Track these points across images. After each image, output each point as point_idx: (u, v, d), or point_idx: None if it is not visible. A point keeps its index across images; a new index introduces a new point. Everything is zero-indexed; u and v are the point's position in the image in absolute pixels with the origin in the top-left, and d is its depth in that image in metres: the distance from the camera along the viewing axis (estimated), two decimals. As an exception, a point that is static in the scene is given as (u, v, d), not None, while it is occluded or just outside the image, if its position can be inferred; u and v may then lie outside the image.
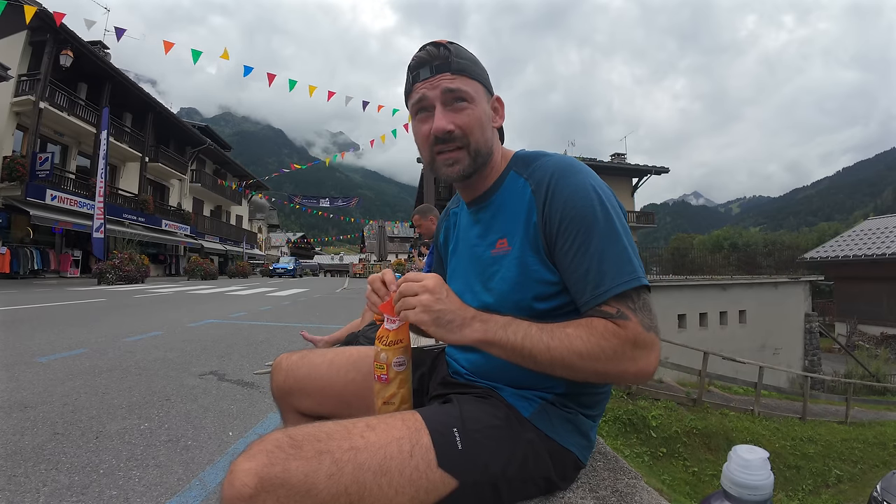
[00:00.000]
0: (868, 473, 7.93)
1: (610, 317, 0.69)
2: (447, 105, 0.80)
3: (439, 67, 0.79)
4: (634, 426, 7.47)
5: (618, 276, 0.70)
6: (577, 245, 0.73)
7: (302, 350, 1.04)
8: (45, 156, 15.14)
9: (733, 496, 0.41)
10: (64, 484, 1.53)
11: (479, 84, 0.82)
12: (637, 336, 0.68)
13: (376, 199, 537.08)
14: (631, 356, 0.68)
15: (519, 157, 0.87)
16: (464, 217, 0.96)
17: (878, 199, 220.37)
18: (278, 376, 1.00)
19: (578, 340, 0.68)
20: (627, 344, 0.68)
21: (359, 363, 0.97)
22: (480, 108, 0.81)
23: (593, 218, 0.73)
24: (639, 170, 26.88)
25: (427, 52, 0.81)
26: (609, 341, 0.68)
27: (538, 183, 0.79)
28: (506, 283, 0.81)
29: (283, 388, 0.99)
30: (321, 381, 0.96)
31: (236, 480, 0.56)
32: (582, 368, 0.69)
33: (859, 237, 21.64)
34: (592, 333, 0.68)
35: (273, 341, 4.55)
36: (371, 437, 0.65)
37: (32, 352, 3.52)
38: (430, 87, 0.80)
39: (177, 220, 24.99)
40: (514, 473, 0.72)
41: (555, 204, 0.75)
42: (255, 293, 11.97)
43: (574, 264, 0.73)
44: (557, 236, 0.75)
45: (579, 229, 0.73)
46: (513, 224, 0.82)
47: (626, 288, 0.70)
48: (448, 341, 0.72)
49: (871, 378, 13.44)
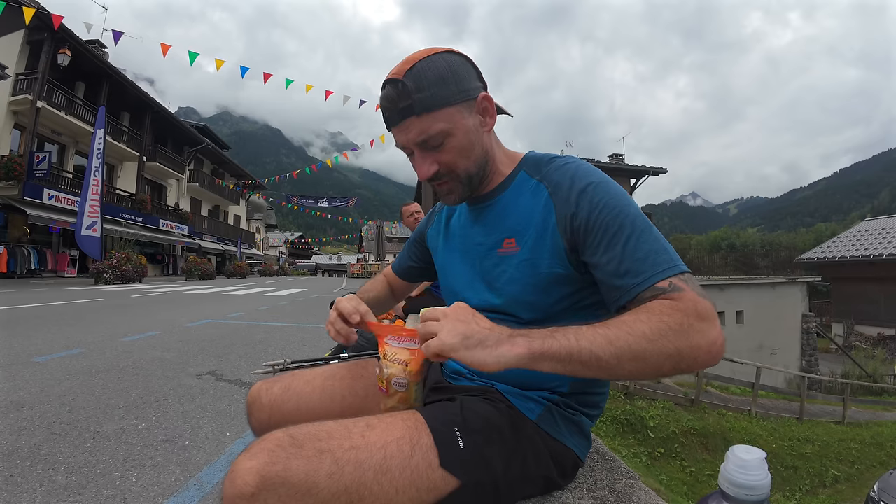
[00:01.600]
0: (865, 474, 7.96)
1: (663, 292, 0.65)
2: (424, 150, 0.77)
3: (403, 112, 0.74)
4: (632, 426, 7.48)
5: (661, 263, 0.68)
6: (610, 237, 0.71)
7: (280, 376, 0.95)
8: (43, 155, 15.09)
9: (731, 496, 0.41)
10: (61, 484, 1.52)
11: (452, 108, 0.75)
12: (697, 305, 0.63)
13: (374, 199, 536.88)
14: (698, 328, 0.61)
15: (530, 159, 0.85)
16: (462, 214, 0.94)
17: (875, 200, 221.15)
18: (260, 414, 0.90)
19: (640, 323, 0.61)
20: (691, 315, 0.62)
21: (354, 386, 0.93)
22: (461, 135, 0.77)
23: (623, 210, 0.72)
24: (637, 170, 26.87)
25: (387, 96, 0.75)
26: (672, 316, 0.61)
27: (556, 184, 0.78)
28: (516, 284, 0.80)
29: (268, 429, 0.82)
30: (314, 413, 0.88)
31: (238, 479, 0.56)
32: (653, 352, 0.60)
33: (856, 238, 21.72)
34: (652, 313, 0.62)
35: (271, 341, 4.55)
36: (371, 437, 0.65)
37: (29, 352, 3.50)
38: (402, 134, 0.77)
39: (174, 220, 24.92)
40: (516, 473, 0.72)
41: (581, 202, 0.74)
42: (253, 293, 11.95)
43: (608, 256, 0.70)
44: (587, 233, 0.73)
45: (611, 222, 0.71)
46: (523, 225, 0.80)
47: (674, 273, 0.67)
48: (485, 366, 0.61)
49: (867, 378, 13.49)
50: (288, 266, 49.52)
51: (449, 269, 0.96)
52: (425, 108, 0.73)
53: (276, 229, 66.88)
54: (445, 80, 0.74)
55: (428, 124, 0.74)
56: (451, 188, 0.81)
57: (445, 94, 0.74)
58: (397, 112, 0.75)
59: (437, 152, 0.77)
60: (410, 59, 0.74)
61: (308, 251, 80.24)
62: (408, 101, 0.73)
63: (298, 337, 4.92)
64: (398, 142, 0.79)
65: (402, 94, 0.73)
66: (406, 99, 0.73)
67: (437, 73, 0.73)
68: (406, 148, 0.79)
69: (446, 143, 0.76)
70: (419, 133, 0.75)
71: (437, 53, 0.75)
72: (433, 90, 0.73)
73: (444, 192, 0.83)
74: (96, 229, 14.10)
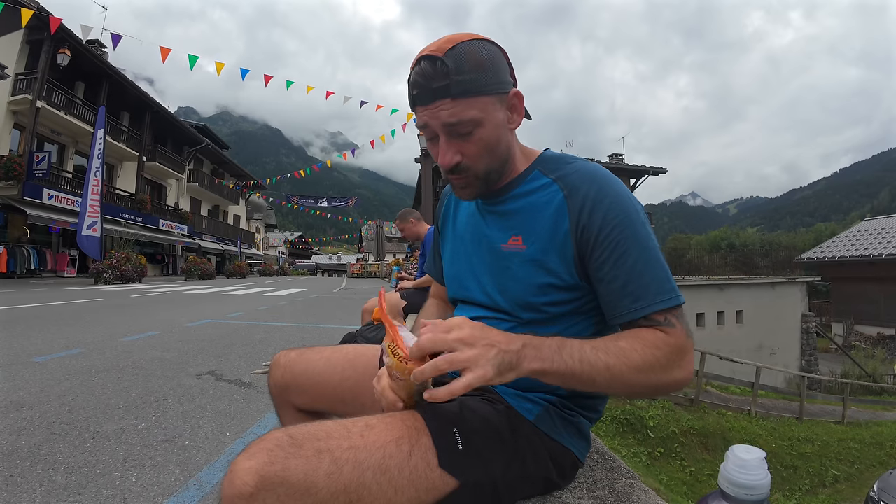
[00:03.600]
0: (865, 473, 7.97)
1: (658, 324, 0.70)
2: (451, 136, 0.74)
3: (437, 93, 0.71)
4: (632, 426, 7.49)
5: (661, 293, 0.71)
6: (618, 255, 0.72)
7: (300, 347, 1.04)
8: (42, 155, 15.09)
9: (730, 496, 0.41)
10: (61, 484, 1.52)
11: (487, 97, 0.73)
12: (682, 343, 0.69)
13: (374, 199, 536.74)
14: (679, 363, 0.68)
15: (546, 158, 0.85)
16: (472, 203, 0.92)
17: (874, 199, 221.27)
18: (276, 372, 1.00)
19: (635, 354, 0.66)
20: (676, 351, 0.68)
21: (355, 361, 0.97)
22: (490, 127, 0.74)
23: (635, 230, 0.72)
24: (637, 170, 26.90)
25: (422, 71, 0.71)
26: (661, 350, 0.68)
27: (573, 189, 0.76)
28: (518, 283, 0.80)
29: (279, 384, 0.99)
30: (317, 377, 0.96)
31: (236, 479, 0.56)
32: (638, 383, 0.67)
33: (856, 238, 21.75)
34: (644, 345, 0.68)
35: (271, 341, 4.54)
36: (370, 437, 0.65)
37: (29, 352, 3.50)
38: (430, 116, 0.73)
39: (174, 220, 24.93)
40: (515, 473, 0.72)
41: (595, 213, 0.73)
42: (253, 293, 11.95)
43: (613, 274, 0.72)
44: (595, 245, 0.73)
45: (620, 240, 0.72)
46: (533, 224, 0.80)
47: (670, 305, 0.71)
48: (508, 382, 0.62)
49: (867, 378, 13.50)
50: (288, 266, 49.51)
51: (455, 258, 0.95)
52: (462, 92, 0.70)
53: (275, 229, 66.91)
54: (485, 68, 0.71)
55: (461, 109, 0.71)
56: (468, 182, 0.79)
57: (484, 81, 0.72)
58: (431, 91, 0.71)
59: (463, 142, 0.75)
60: (452, 38, 0.72)
61: (308, 251, 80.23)
62: (445, 80, 0.70)
63: (298, 337, 4.91)
64: (423, 122, 0.75)
65: (440, 73, 0.70)
66: (444, 79, 0.70)
67: (478, 60, 0.71)
68: (429, 130, 0.76)
69: (475, 133, 0.74)
70: (451, 116, 0.71)
71: (478, 40, 0.73)
72: (473, 75, 0.70)
73: (460, 186, 0.81)
74: (96, 229, 14.10)
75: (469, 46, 0.71)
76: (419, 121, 0.76)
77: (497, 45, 0.75)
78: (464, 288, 0.91)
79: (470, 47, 0.71)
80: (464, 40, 0.71)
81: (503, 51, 0.76)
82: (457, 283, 0.93)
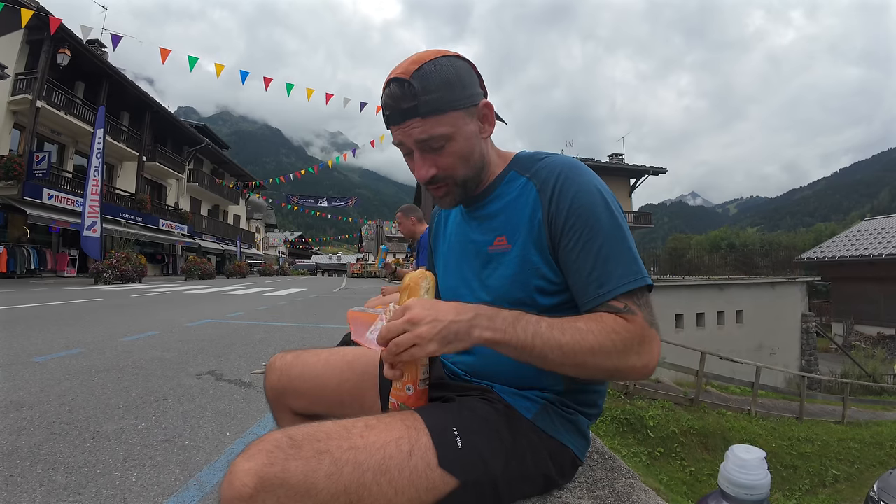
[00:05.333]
0: (865, 473, 7.97)
1: (618, 311, 0.70)
2: (425, 151, 0.77)
3: (406, 113, 0.74)
4: (632, 426, 7.49)
5: (625, 275, 0.71)
6: (583, 242, 0.73)
7: (296, 350, 1.04)
8: (42, 155, 15.08)
9: (730, 496, 0.41)
10: (61, 484, 1.52)
11: (455, 112, 0.75)
12: (643, 330, 0.69)
13: (374, 199, 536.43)
14: (637, 350, 0.69)
15: (520, 158, 0.86)
16: (457, 214, 0.96)
17: (874, 199, 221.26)
18: (272, 376, 0.99)
19: (590, 335, 0.68)
20: (635, 338, 0.69)
21: (354, 364, 0.96)
22: (462, 139, 0.77)
23: (599, 217, 0.73)
24: (637, 170, 26.94)
25: (391, 94, 0.74)
26: (619, 334, 0.68)
27: (544, 181, 0.79)
28: (505, 281, 0.81)
29: (276, 388, 0.99)
30: (315, 380, 0.96)
31: (236, 481, 0.56)
32: (592, 365, 0.68)
33: (856, 238, 21.75)
34: (602, 328, 0.68)
35: (271, 341, 4.54)
36: (370, 437, 0.65)
37: (29, 352, 3.50)
38: (403, 135, 0.77)
39: (174, 220, 24.93)
40: (514, 471, 0.72)
41: (562, 202, 0.75)
42: (253, 293, 11.95)
43: (579, 261, 0.73)
44: (563, 234, 0.75)
45: (585, 227, 0.73)
46: (514, 223, 0.81)
47: (634, 287, 0.71)
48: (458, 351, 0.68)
49: (867, 378, 13.51)
50: (287, 266, 49.54)
51: (447, 269, 0.97)
52: (430, 111, 0.73)
53: (275, 229, 66.88)
54: (452, 85, 0.74)
55: (431, 126, 0.74)
56: (448, 191, 0.82)
57: (451, 98, 0.74)
58: (401, 112, 0.74)
59: (437, 155, 0.78)
60: (418, 58, 0.74)
61: (308, 251, 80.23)
62: (413, 101, 0.73)
63: (298, 337, 4.91)
64: (398, 140, 0.79)
65: (408, 95, 0.73)
66: (411, 99, 0.73)
67: (444, 77, 0.73)
68: (405, 147, 0.79)
69: (447, 146, 0.77)
70: (421, 133, 0.75)
71: (444, 56, 0.75)
72: (439, 93, 0.73)
73: (441, 196, 0.84)
74: (96, 229, 14.11)
75: (435, 66, 0.73)
76: (395, 139, 0.79)
77: (465, 59, 0.78)
78: (460, 297, 0.92)
79: (436, 66, 0.73)
80: (429, 59, 0.74)
81: (471, 64, 0.79)
82: (451, 295, 0.94)
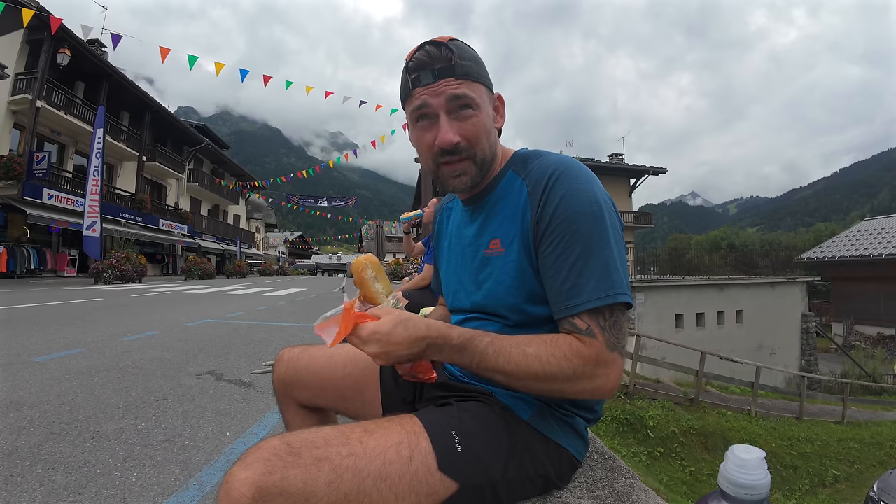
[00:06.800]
0: (865, 473, 7.97)
1: (578, 332, 0.69)
2: (452, 113, 0.75)
3: (442, 72, 0.74)
4: (632, 426, 7.48)
5: (595, 291, 0.68)
6: (561, 250, 0.71)
7: (304, 345, 1.06)
8: (42, 155, 15.08)
9: (730, 496, 0.41)
10: (61, 484, 1.52)
11: (482, 87, 0.78)
12: (599, 356, 0.68)
13: (374, 199, 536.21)
14: (590, 375, 0.68)
15: (518, 157, 0.85)
16: (458, 213, 0.95)
17: (874, 199, 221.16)
18: (280, 368, 1.02)
19: (537, 362, 0.67)
20: (589, 364, 0.67)
21: (357, 358, 0.97)
22: (485, 114, 0.78)
23: (582, 223, 0.70)
24: (636, 170, 26.92)
25: (427, 53, 0.74)
26: (570, 362, 0.67)
27: (535, 182, 0.76)
28: (500, 286, 0.80)
29: (283, 380, 1.01)
30: (319, 373, 0.98)
31: (233, 491, 0.55)
32: (538, 389, 0.70)
33: (856, 238, 21.75)
34: (554, 354, 0.68)
35: (271, 341, 4.54)
36: (370, 443, 0.64)
37: (29, 351, 3.50)
38: (432, 94, 0.75)
39: (174, 220, 24.92)
40: (513, 474, 0.72)
41: (548, 205, 0.73)
42: (253, 293, 11.95)
43: (553, 270, 0.72)
44: (542, 239, 0.73)
45: (565, 233, 0.71)
46: (507, 225, 0.80)
47: (600, 304, 0.68)
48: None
49: (867, 378, 13.51)
50: (287, 266, 49.51)
51: (448, 268, 0.97)
52: (465, 74, 0.75)
53: (275, 229, 66.84)
54: (480, 63, 0.79)
55: (465, 89, 0.75)
56: (465, 169, 0.79)
57: (481, 71, 0.78)
58: (435, 71, 0.75)
59: (463, 122, 0.76)
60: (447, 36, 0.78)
61: (308, 251, 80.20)
62: (450, 62, 0.74)
63: (298, 336, 4.91)
64: (421, 102, 0.76)
65: (445, 56, 0.75)
66: (448, 60, 0.75)
67: (473, 54, 0.78)
68: (429, 109, 0.76)
69: (473, 115, 0.76)
70: (456, 89, 0.75)
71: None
72: (472, 63, 0.77)
73: (456, 174, 0.79)
74: (96, 229, 14.09)
75: (464, 43, 0.78)
76: (416, 101, 0.77)
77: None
78: (457, 300, 0.92)
79: (465, 44, 0.78)
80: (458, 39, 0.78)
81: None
82: (451, 296, 0.95)
